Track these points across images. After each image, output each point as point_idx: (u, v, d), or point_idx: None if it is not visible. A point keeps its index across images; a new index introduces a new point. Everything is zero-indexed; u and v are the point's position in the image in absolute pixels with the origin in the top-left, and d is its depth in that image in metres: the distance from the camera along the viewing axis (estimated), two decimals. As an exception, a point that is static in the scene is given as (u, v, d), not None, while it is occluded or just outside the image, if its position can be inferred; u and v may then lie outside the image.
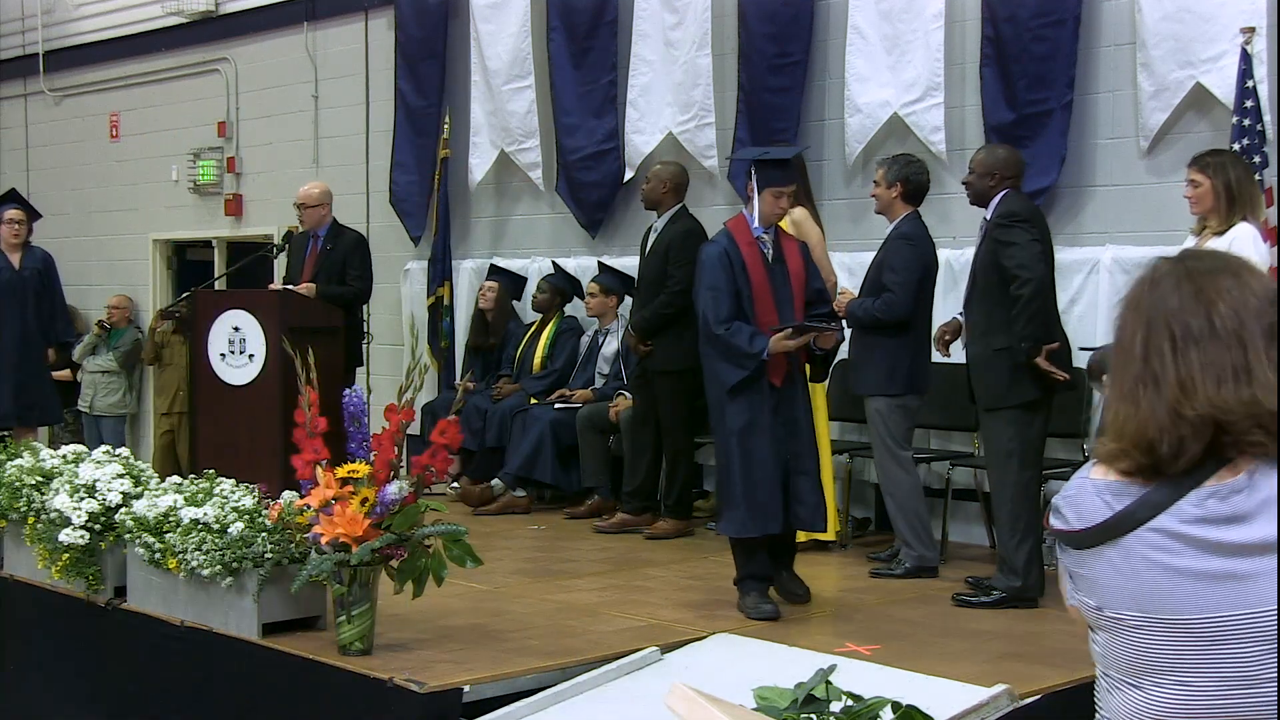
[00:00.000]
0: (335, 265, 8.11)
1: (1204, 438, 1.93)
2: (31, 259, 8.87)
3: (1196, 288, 1.99)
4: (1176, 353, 1.97)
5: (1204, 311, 1.97)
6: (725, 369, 5.51)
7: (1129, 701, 2.00)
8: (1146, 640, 1.96)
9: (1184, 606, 1.93)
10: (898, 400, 6.29)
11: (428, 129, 9.84)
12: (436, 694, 4.38)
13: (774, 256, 5.62)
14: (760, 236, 5.62)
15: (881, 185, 6.40)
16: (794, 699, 3.40)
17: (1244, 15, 6.34)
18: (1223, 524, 1.91)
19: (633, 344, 7.62)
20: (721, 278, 5.53)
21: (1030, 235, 5.67)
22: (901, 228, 6.37)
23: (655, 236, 7.58)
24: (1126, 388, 2.00)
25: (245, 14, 11.30)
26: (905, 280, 6.22)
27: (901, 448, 6.34)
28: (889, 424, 6.30)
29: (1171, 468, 1.95)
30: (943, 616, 5.58)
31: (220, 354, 7.35)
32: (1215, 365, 1.95)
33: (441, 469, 4.98)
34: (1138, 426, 1.97)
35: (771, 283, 5.57)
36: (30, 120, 13.21)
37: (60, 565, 5.60)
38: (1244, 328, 1.95)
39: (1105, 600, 2.00)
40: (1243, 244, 5.36)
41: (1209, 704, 1.93)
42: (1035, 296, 5.60)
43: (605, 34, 8.93)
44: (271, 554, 4.91)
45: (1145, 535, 1.95)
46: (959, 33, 7.43)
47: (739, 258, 5.55)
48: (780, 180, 5.64)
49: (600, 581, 6.25)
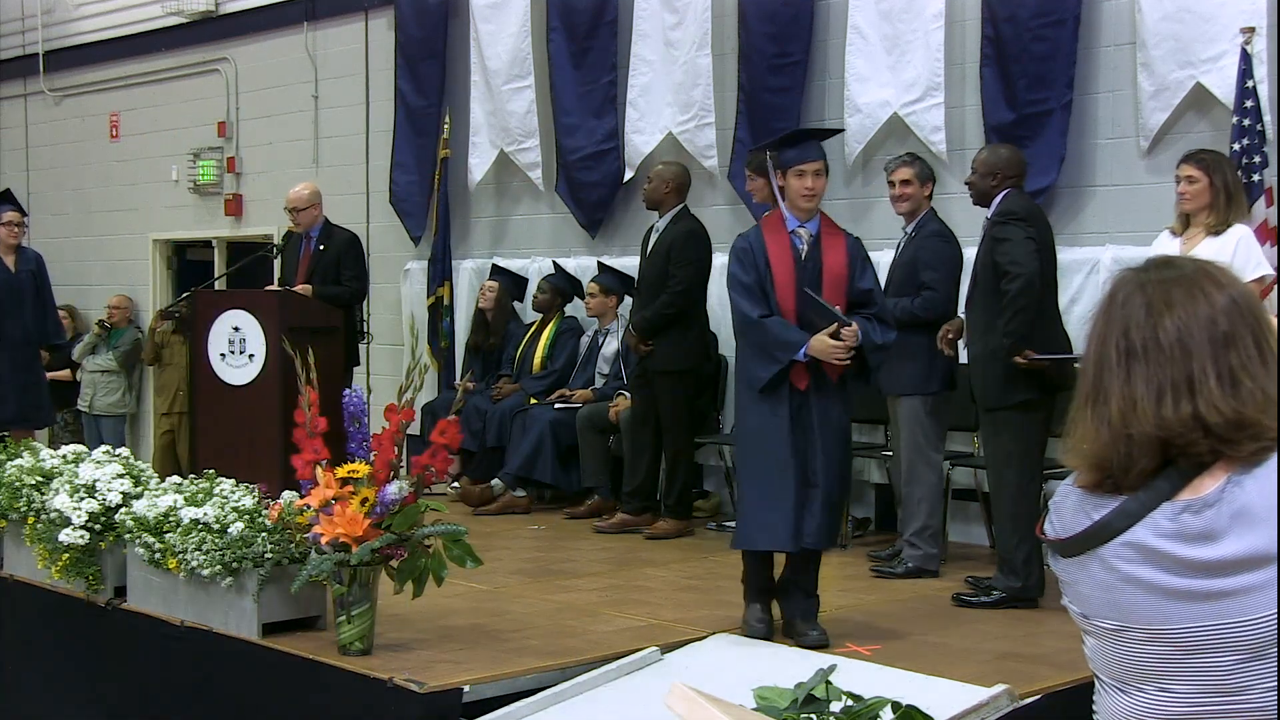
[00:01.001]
0: (329, 265, 8.11)
1: (1152, 453, 1.93)
2: (25, 260, 8.84)
3: (1147, 300, 1.97)
4: (1124, 369, 1.96)
5: (1151, 325, 1.95)
6: (757, 364, 5.12)
7: (1117, 705, 2.01)
8: (1128, 648, 1.97)
9: (1159, 619, 1.92)
10: (934, 399, 6.31)
11: (428, 129, 9.84)
12: (436, 694, 4.38)
13: (808, 254, 5.18)
14: (795, 230, 5.19)
15: (915, 184, 6.43)
16: (794, 699, 3.40)
17: (1244, 15, 6.34)
18: (1195, 541, 1.89)
19: (633, 344, 7.57)
20: (743, 275, 5.18)
21: (1025, 233, 5.66)
22: (932, 225, 6.44)
23: (657, 236, 7.57)
24: (1080, 403, 2.01)
25: (245, 14, 11.30)
26: (945, 277, 6.28)
27: (935, 449, 6.36)
28: (924, 424, 6.31)
29: (1126, 481, 1.95)
30: (943, 616, 5.58)
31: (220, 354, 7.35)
32: (1157, 381, 1.93)
33: (441, 469, 4.98)
34: (1089, 443, 1.98)
35: (798, 280, 5.14)
36: (30, 120, 13.21)
37: (60, 565, 5.60)
38: (1190, 339, 1.93)
39: (1088, 609, 2.00)
40: (1248, 244, 5.38)
41: (1189, 711, 1.93)
42: (1023, 293, 5.59)
43: (605, 34, 8.92)
44: (271, 554, 4.91)
45: (1120, 549, 1.94)
46: (959, 33, 7.43)
47: (763, 253, 5.16)
48: (797, 157, 5.17)
49: (600, 581, 6.25)
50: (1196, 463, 1.91)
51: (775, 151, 5.32)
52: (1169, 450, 1.93)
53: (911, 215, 6.48)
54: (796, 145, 5.23)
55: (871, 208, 7.61)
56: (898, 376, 6.31)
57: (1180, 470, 1.92)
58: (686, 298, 7.41)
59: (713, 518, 7.94)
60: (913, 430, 6.34)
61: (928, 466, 6.33)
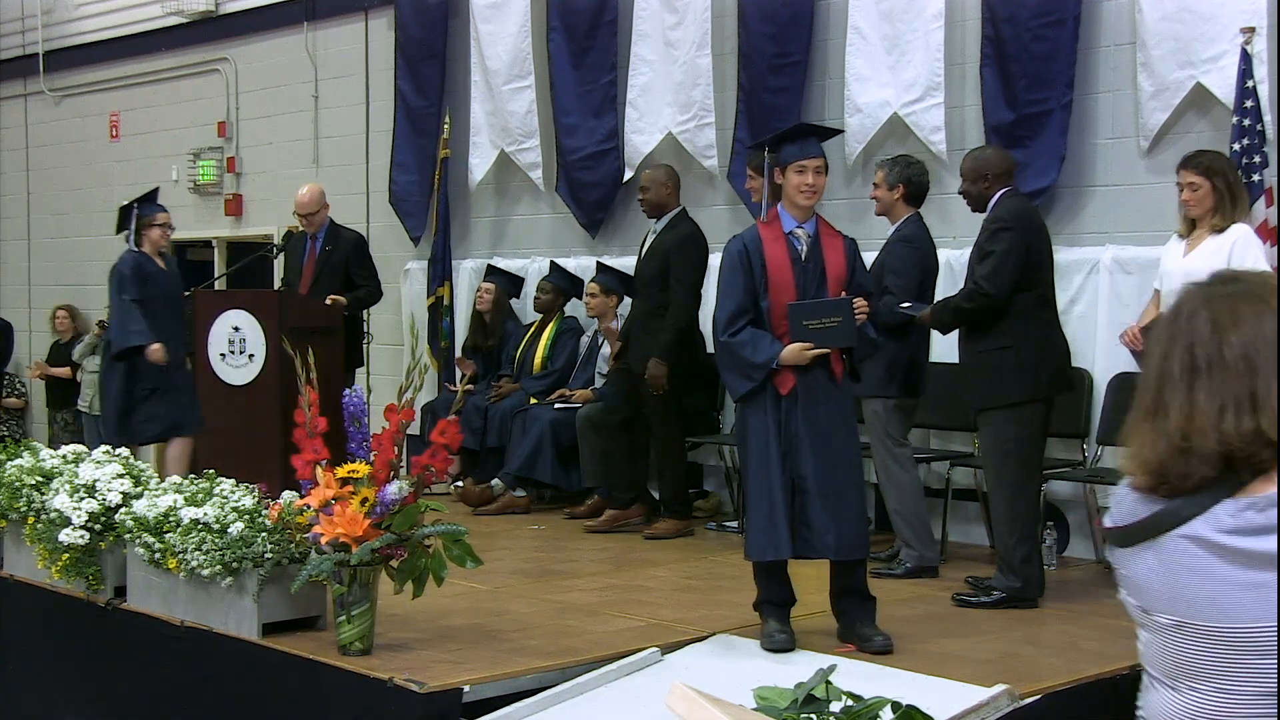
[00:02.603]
0: (336, 267, 8.12)
1: (1212, 464, 1.94)
2: (169, 263, 8.16)
3: (1213, 316, 1.99)
4: (1185, 383, 1.97)
5: (1216, 340, 1.97)
6: (732, 379, 5.08)
7: (1166, 703, 2.01)
8: (1183, 644, 1.97)
9: (1217, 615, 1.93)
10: (895, 401, 6.30)
11: (428, 129, 9.84)
12: (436, 694, 4.38)
13: (808, 254, 5.06)
14: (794, 231, 5.06)
15: (883, 187, 6.40)
16: (794, 699, 3.40)
17: (1244, 15, 6.33)
18: (1258, 535, 1.91)
19: (657, 383, 7.21)
20: (730, 279, 5.05)
21: (1012, 250, 5.64)
22: (903, 230, 6.38)
23: (654, 238, 7.55)
24: (1139, 415, 2.02)
25: (245, 14, 11.30)
26: (905, 284, 6.23)
27: (899, 445, 6.34)
28: (887, 424, 6.30)
29: (1184, 486, 1.96)
30: (943, 616, 5.57)
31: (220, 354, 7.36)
32: (1219, 396, 1.94)
33: (441, 469, 4.98)
34: (1149, 453, 1.99)
35: (798, 282, 5.00)
36: (30, 120, 13.21)
37: (60, 565, 5.60)
38: (1256, 355, 1.94)
39: (1145, 601, 2.01)
40: (1248, 242, 5.37)
41: (1240, 713, 1.93)
42: (977, 311, 5.69)
43: (605, 34, 8.92)
44: (271, 554, 4.91)
45: (1180, 542, 1.95)
46: (959, 33, 7.43)
47: (759, 254, 5.02)
48: (797, 153, 5.03)
49: (600, 581, 6.25)
50: (1257, 470, 1.93)
51: (774, 149, 5.24)
52: (1230, 462, 1.94)
53: (890, 218, 6.46)
54: (797, 141, 5.12)
55: (871, 208, 7.59)
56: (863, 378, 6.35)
57: (1239, 476, 1.94)
58: (688, 311, 7.40)
59: (713, 518, 7.93)
60: (877, 430, 6.33)
61: (896, 463, 6.32)
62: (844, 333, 4.96)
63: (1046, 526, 6.50)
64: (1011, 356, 5.65)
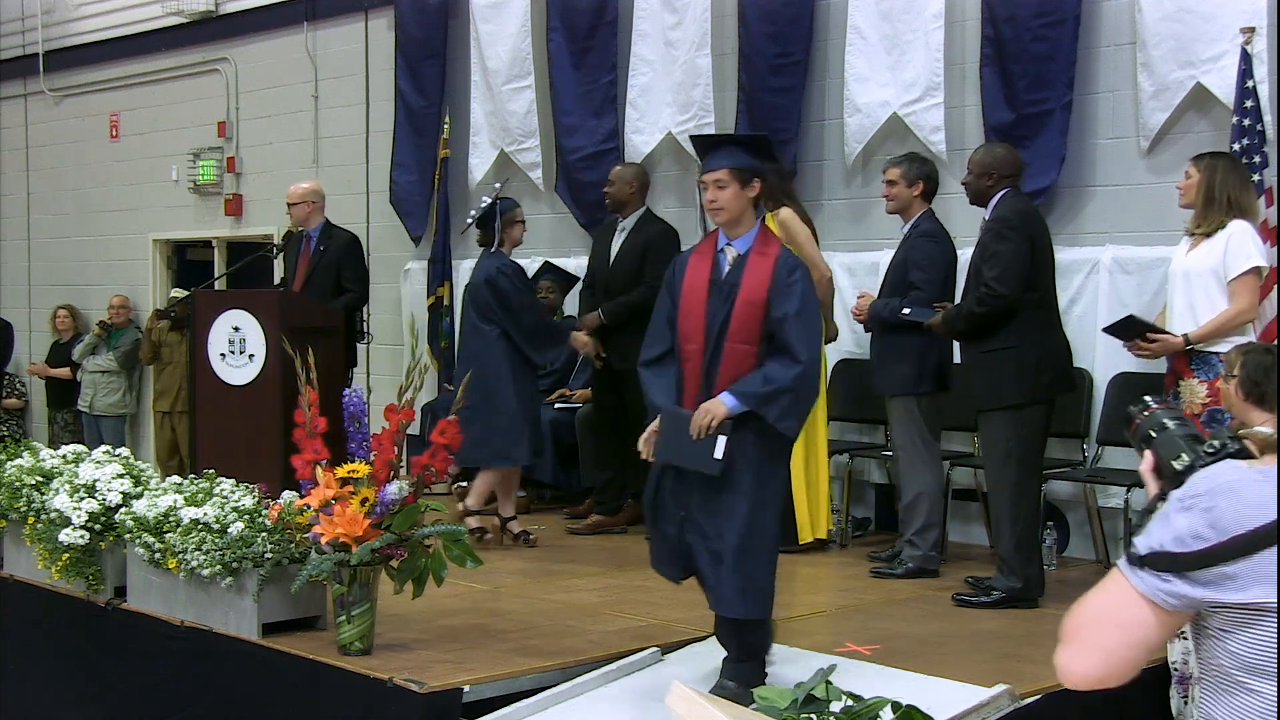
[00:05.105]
0: (329, 267, 8.11)
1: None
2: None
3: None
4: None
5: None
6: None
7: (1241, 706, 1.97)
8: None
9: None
10: (926, 399, 6.32)
11: (428, 129, 9.84)
12: (436, 694, 4.38)
13: (728, 274, 4.51)
14: (723, 249, 4.56)
15: (901, 184, 6.42)
16: (794, 699, 3.39)
17: (1244, 15, 6.33)
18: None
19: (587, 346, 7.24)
20: (660, 298, 4.69)
21: (1020, 250, 5.64)
22: (922, 226, 6.42)
23: (625, 237, 7.48)
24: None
25: (245, 14, 11.30)
26: (932, 278, 6.26)
27: (930, 448, 6.38)
28: (918, 424, 6.32)
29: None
30: (943, 616, 5.58)
31: (220, 354, 7.34)
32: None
33: (441, 469, 4.98)
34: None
35: (709, 306, 4.49)
36: (30, 120, 13.21)
37: (60, 565, 5.61)
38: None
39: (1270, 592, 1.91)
40: (1240, 239, 5.35)
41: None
42: (991, 315, 5.67)
43: (605, 34, 8.92)
44: (271, 554, 4.91)
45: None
46: (959, 33, 7.43)
47: (682, 271, 4.61)
48: (702, 167, 4.60)
49: (600, 581, 6.25)
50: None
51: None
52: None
53: (905, 215, 6.48)
54: (702, 154, 4.66)
55: (871, 208, 7.61)
56: (890, 377, 6.36)
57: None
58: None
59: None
60: (907, 430, 6.36)
61: (924, 465, 6.34)
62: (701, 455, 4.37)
63: (1047, 526, 6.51)
64: (1013, 358, 5.65)
